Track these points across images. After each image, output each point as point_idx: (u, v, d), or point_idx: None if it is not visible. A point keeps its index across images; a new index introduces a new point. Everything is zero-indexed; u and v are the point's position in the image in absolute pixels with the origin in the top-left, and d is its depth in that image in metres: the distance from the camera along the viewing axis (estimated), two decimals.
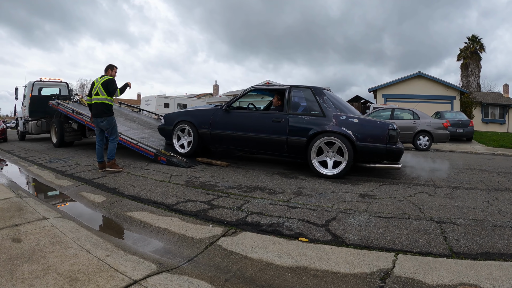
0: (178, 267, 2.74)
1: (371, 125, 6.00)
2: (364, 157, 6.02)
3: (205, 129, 7.38)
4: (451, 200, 4.57)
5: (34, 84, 14.98)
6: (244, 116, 7.08)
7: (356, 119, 6.02)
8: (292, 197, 4.66)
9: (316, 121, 6.20)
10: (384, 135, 5.77)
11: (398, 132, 6.07)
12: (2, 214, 3.98)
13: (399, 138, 6.27)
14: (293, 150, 6.44)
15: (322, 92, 6.54)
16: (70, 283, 2.34)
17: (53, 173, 7.24)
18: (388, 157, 5.90)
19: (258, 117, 6.91)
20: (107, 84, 6.74)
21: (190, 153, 7.64)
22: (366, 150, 5.86)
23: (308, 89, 6.63)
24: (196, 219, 3.95)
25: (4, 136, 17.40)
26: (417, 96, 25.65)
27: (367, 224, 3.55)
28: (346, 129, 5.92)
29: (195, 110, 8.02)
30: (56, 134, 12.24)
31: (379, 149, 5.80)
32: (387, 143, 5.76)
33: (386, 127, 5.83)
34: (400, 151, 5.89)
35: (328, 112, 6.19)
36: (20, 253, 2.85)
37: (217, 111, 7.39)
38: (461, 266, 2.66)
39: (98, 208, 4.67)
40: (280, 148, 6.57)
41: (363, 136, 5.85)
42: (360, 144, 5.84)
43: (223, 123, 7.19)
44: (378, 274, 2.55)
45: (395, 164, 6.10)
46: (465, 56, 39.68)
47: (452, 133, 14.57)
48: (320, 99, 6.38)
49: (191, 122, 7.60)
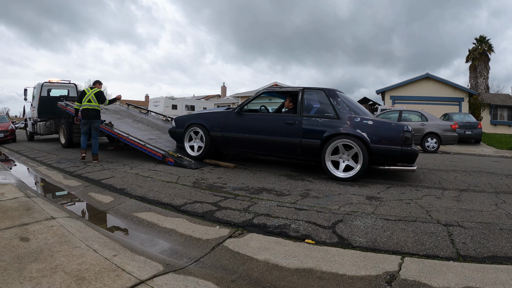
0: (184, 268, 2.76)
1: (386, 127, 5.94)
2: (379, 159, 5.97)
3: (217, 132, 7.34)
4: (458, 203, 4.54)
5: (43, 85, 15.11)
6: (257, 119, 7.03)
7: (371, 121, 5.98)
8: (299, 199, 4.66)
9: (330, 123, 6.14)
10: (399, 137, 5.73)
11: (413, 134, 6.04)
12: (11, 214, 4.02)
13: (414, 139, 6.19)
14: (307, 152, 6.38)
15: (335, 94, 6.49)
16: (77, 282, 2.36)
17: (62, 173, 7.30)
18: (403, 159, 5.82)
19: (271, 119, 6.85)
20: (99, 95, 8.63)
21: (202, 156, 7.66)
22: (381, 152, 5.82)
23: (322, 91, 6.57)
24: (203, 220, 3.96)
25: (13, 137, 17.58)
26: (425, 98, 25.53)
27: (373, 227, 3.54)
28: (360, 131, 5.88)
29: (206, 113, 7.98)
30: (64, 135, 12.35)
31: (394, 151, 5.75)
32: (402, 145, 5.72)
33: (401, 129, 5.79)
34: (415, 153, 5.84)
35: (342, 114, 6.14)
36: (28, 252, 2.88)
37: (229, 113, 7.35)
38: (467, 269, 2.64)
39: (106, 208, 4.71)
40: (293, 151, 6.53)
41: (378, 138, 5.81)
42: (375, 146, 5.80)
43: (236, 126, 7.14)
44: (384, 277, 2.55)
45: (410, 166, 6.01)
46: (473, 57, 39.35)
47: (460, 135, 14.48)
48: (334, 101, 6.33)
49: (203, 125, 7.57)
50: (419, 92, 26.73)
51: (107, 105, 8.52)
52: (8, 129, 17.35)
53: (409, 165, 6.02)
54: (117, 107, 13.85)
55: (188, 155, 7.81)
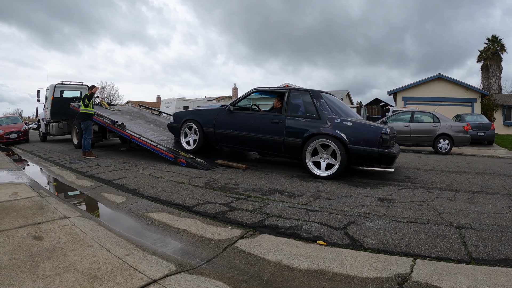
0: (196, 268, 2.78)
1: (365, 129, 6.08)
2: (356, 160, 6.11)
3: (210, 128, 7.71)
4: (471, 205, 4.49)
5: (55, 86, 15.29)
6: (245, 117, 7.34)
7: (350, 122, 6.15)
8: (311, 200, 4.66)
9: (312, 124, 6.39)
10: (377, 139, 5.85)
11: (392, 137, 6.15)
12: (24, 213, 4.09)
13: (393, 142, 6.36)
14: (290, 150, 6.66)
15: (319, 95, 6.71)
16: (90, 281, 2.39)
17: (74, 173, 7.38)
18: (381, 160, 5.96)
19: (258, 118, 7.17)
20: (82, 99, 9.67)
21: (195, 150, 8.00)
22: (359, 153, 5.96)
23: (307, 92, 6.82)
24: (215, 220, 3.98)
25: (26, 137, 17.82)
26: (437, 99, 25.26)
27: (385, 229, 3.53)
28: (340, 132, 6.06)
29: (201, 110, 8.41)
30: (77, 136, 12.49)
31: (372, 152, 5.88)
32: (380, 147, 5.83)
33: (379, 131, 5.89)
34: (393, 156, 5.94)
35: (323, 115, 6.36)
36: (41, 251, 2.93)
37: (221, 111, 7.70)
38: (479, 272, 2.62)
39: (118, 208, 4.75)
40: (277, 148, 6.81)
41: (356, 139, 5.96)
42: (353, 147, 5.95)
43: (226, 123, 7.48)
44: (395, 279, 2.54)
45: (387, 168, 6.15)
46: (486, 57, 38.90)
47: (472, 137, 14.28)
48: (317, 102, 6.55)
49: (197, 121, 7.96)
50: (431, 93, 26.46)
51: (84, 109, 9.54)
52: (21, 130, 17.59)
53: (387, 167, 6.15)
54: (129, 108, 13.96)
55: (183, 148, 8.18)
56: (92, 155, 9.57)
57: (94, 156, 9.54)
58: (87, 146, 9.59)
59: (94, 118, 10.05)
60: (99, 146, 12.67)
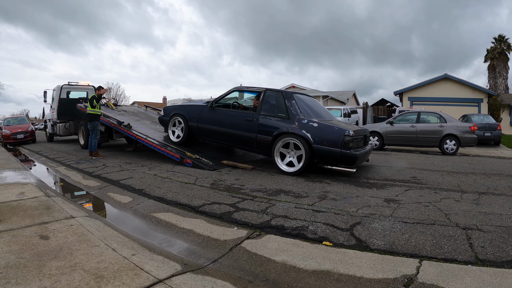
0: (202, 268, 2.78)
1: (329, 130, 6.37)
2: (320, 159, 6.49)
3: (193, 122, 8.22)
4: (477, 206, 4.46)
5: (62, 87, 15.38)
6: (224, 114, 7.79)
7: (316, 123, 6.46)
8: (317, 201, 4.65)
9: (281, 123, 6.78)
10: (339, 140, 6.14)
11: (355, 139, 6.36)
12: (31, 212, 4.12)
13: (358, 144, 6.58)
14: (261, 146, 7.09)
15: (292, 96, 7.07)
16: (96, 280, 2.41)
17: (81, 173, 7.43)
18: (342, 161, 6.26)
19: (235, 115, 7.59)
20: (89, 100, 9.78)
21: (181, 142, 8.53)
22: (322, 153, 6.31)
23: (280, 93, 7.22)
24: (221, 221, 3.99)
25: (33, 138, 17.95)
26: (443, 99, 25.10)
27: (391, 229, 3.52)
28: (305, 132, 6.43)
29: (187, 105, 8.89)
30: (83, 136, 12.55)
31: (334, 152, 6.19)
32: (342, 148, 6.11)
33: (342, 133, 6.16)
34: (354, 157, 6.16)
35: (292, 115, 6.74)
36: (47, 250, 2.95)
37: (204, 107, 8.16)
38: (486, 274, 2.60)
39: (124, 208, 4.78)
40: (251, 144, 7.28)
41: (320, 140, 6.30)
42: (317, 146, 6.30)
43: (208, 119, 7.96)
44: (401, 280, 2.53)
45: (349, 168, 6.43)
46: (492, 57, 38.57)
47: (479, 137, 14.15)
48: (288, 102, 6.92)
49: (183, 116, 8.46)
50: (438, 93, 26.29)
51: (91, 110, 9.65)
52: (28, 130, 17.73)
53: (349, 167, 6.43)
54: (136, 109, 14.01)
55: (170, 140, 8.76)
56: (98, 156, 9.65)
57: (100, 157, 9.61)
58: (93, 146, 9.68)
59: (101, 119, 10.10)
60: (105, 146, 12.74)
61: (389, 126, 13.14)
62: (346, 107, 21.63)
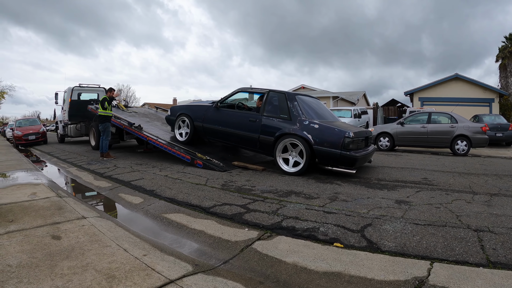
0: (213, 269, 2.80)
1: (329, 132, 6.45)
2: (320, 160, 6.62)
3: (199, 122, 8.40)
4: (489, 207, 4.41)
5: (73, 89, 15.56)
6: (229, 115, 7.93)
7: (317, 125, 6.57)
8: (328, 202, 4.64)
9: (283, 124, 6.92)
10: (339, 141, 6.22)
11: (355, 141, 6.40)
12: (43, 212, 4.17)
13: (358, 145, 6.60)
14: (264, 147, 7.24)
15: (294, 98, 7.19)
16: (108, 280, 2.43)
17: (92, 174, 7.50)
18: (342, 162, 6.35)
19: (239, 116, 7.73)
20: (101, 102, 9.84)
21: (187, 141, 8.71)
22: (322, 154, 6.43)
23: (283, 94, 7.33)
24: (232, 222, 4.01)
25: (45, 139, 18.19)
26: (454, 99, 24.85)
27: (403, 231, 3.50)
28: (306, 133, 6.56)
29: (193, 105, 9.13)
30: (94, 137, 12.68)
31: (334, 154, 6.29)
32: (342, 149, 6.20)
33: (342, 135, 6.24)
34: (354, 158, 6.22)
35: (294, 117, 6.87)
36: (59, 250, 2.99)
37: (209, 107, 8.35)
38: (497, 276, 2.58)
39: (135, 209, 4.81)
40: (254, 144, 7.43)
41: (320, 141, 6.42)
42: (317, 147, 6.42)
43: (213, 119, 8.13)
44: (413, 282, 2.52)
45: (349, 169, 6.50)
46: (503, 56, 38.01)
47: (490, 138, 14.02)
48: (291, 104, 7.04)
49: (189, 115, 8.66)
50: (448, 93, 26.04)
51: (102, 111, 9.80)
52: (39, 132, 17.96)
53: (349, 168, 6.49)
54: (146, 111, 14.11)
55: (176, 139, 8.96)
56: (109, 157, 9.77)
57: (111, 158, 9.72)
58: (105, 147, 9.79)
59: (112, 120, 10.19)
60: (116, 147, 12.84)
61: (399, 127, 13.07)
62: (356, 107, 21.53)
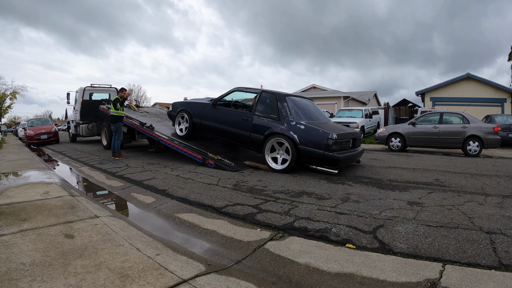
0: (226, 269, 2.82)
1: (314, 133, 6.74)
2: (305, 159, 6.92)
3: (197, 118, 8.89)
4: (501, 209, 4.37)
5: (85, 89, 15.72)
6: (224, 113, 8.39)
7: (303, 125, 6.88)
8: (340, 203, 4.65)
9: (272, 123, 7.28)
10: (323, 142, 6.52)
11: (339, 142, 6.64)
12: (56, 211, 4.23)
13: (342, 146, 6.80)
14: (254, 144, 7.60)
15: (284, 99, 7.53)
16: (121, 279, 2.46)
17: (104, 174, 7.57)
18: (325, 162, 6.68)
19: (233, 114, 8.15)
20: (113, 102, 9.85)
21: (186, 136, 9.22)
22: (306, 153, 6.74)
23: (274, 95, 7.68)
24: (244, 222, 4.03)
25: (57, 138, 18.39)
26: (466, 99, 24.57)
27: (415, 233, 3.49)
28: (293, 133, 6.88)
29: (193, 103, 9.64)
30: (106, 137, 12.80)
31: (317, 154, 6.61)
32: (325, 149, 6.51)
33: (326, 136, 6.53)
34: (336, 159, 6.50)
35: (282, 117, 7.23)
36: (72, 249, 3.03)
37: (207, 105, 8.80)
38: (509, 279, 2.56)
39: (148, 208, 4.85)
40: (245, 142, 7.82)
41: (305, 141, 6.73)
42: (302, 147, 6.74)
43: (209, 116, 8.60)
44: (425, 284, 2.51)
45: (331, 169, 6.80)
46: None
47: (503, 138, 13.83)
48: (280, 105, 7.40)
49: (188, 112, 9.14)
50: (460, 93, 25.76)
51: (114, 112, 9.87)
52: (51, 131, 18.17)
53: (331, 168, 6.80)
54: (157, 110, 14.20)
55: (176, 134, 9.46)
56: (121, 156, 9.87)
57: (123, 157, 9.81)
58: (116, 147, 9.91)
59: (124, 120, 10.27)
60: (127, 147, 12.96)
61: (411, 127, 12.97)
62: (367, 107, 21.45)
